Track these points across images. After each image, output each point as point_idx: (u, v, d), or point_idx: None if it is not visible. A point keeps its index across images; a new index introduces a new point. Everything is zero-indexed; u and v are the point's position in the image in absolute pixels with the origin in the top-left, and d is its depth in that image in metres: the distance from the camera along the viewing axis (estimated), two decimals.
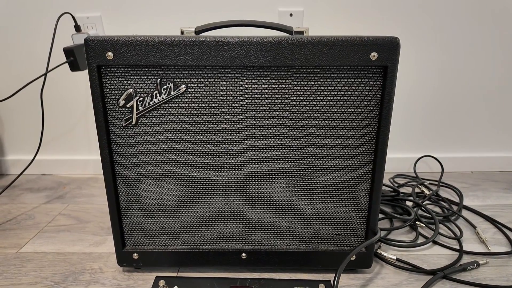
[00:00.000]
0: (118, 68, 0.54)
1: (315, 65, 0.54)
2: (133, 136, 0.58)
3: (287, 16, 0.99)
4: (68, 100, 1.08)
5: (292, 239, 0.65)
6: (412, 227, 0.81)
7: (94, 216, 0.89)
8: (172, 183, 0.61)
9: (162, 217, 0.63)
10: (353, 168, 0.60)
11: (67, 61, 0.85)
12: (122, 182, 0.61)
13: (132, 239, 0.65)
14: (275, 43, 0.52)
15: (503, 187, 1.03)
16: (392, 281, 0.65)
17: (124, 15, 1.00)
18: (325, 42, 0.52)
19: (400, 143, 1.13)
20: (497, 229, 0.82)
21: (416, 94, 1.07)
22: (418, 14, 0.99)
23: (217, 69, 0.55)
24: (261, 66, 0.54)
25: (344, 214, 0.63)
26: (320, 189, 0.61)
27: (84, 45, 0.53)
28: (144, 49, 0.53)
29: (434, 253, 0.73)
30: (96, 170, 1.15)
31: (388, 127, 0.57)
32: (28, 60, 1.04)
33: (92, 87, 0.54)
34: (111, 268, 0.68)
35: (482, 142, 1.13)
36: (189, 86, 0.55)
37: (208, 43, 0.52)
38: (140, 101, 0.56)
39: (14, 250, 0.75)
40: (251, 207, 0.63)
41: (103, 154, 0.58)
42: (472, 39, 1.01)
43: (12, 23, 1.00)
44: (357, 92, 0.56)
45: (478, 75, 1.05)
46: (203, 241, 0.65)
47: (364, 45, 0.52)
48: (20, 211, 0.92)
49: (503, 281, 0.64)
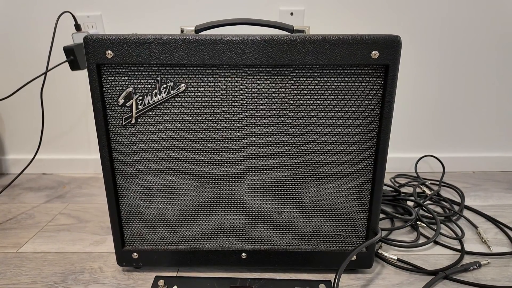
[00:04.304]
0: (118, 66, 0.54)
1: (315, 63, 0.53)
2: (133, 135, 0.58)
3: (288, 15, 0.98)
4: (68, 99, 1.08)
5: (292, 239, 0.64)
6: (413, 227, 0.81)
7: (94, 215, 0.88)
8: (172, 182, 0.61)
9: (162, 216, 0.63)
10: (354, 168, 0.60)
11: (67, 60, 0.85)
12: (121, 181, 0.61)
13: (131, 239, 0.64)
14: (275, 41, 0.52)
15: (505, 187, 1.03)
16: (393, 281, 0.64)
17: (125, 14, 0.99)
18: (325, 40, 0.52)
19: (401, 142, 1.13)
20: (498, 229, 0.81)
21: (417, 94, 1.07)
22: (419, 12, 0.98)
23: (217, 68, 0.54)
24: (261, 64, 0.54)
25: (344, 214, 0.63)
26: (321, 188, 0.61)
27: (84, 43, 0.52)
28: (143, 47, 0.52)
29: (435, 253, 0.72)
30: (96, 170, 1.15)
31: (389, 127, 0.56)
32: (28, 59, 1.03)
33: (91, 85, 0.54)
34: (111, 267, 0.68)
35: (484, 142, 1.13)
36: (189, 84, 0.55)
37: (208, 42, 0.52)
38: (139, 100, 0.56)
39: (14, 250, 0.74)
40: (251, 207, 0.62)
41: (102, 153, 0.58)
42: (474, 38, 1.01)
43: (12, 22, 1.00)
44: (358, 91, 0.55)
45: (480, 74, 1.05)
46: (203, 240, 0.65)
47: (365, 44, 0.52)
48: (20, 210, 0.92)
49: (505, 282, 0.64)
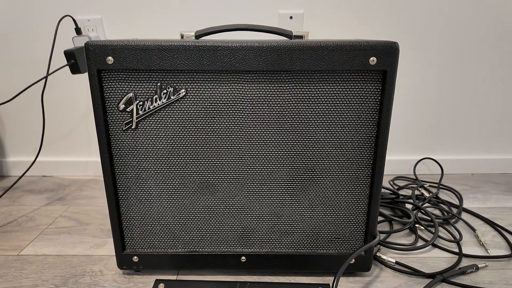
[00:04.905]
0: (118, 72, 0.55)
1: (314, 69, 0.54)
2: (133, 140, 0.58)
3: (287, 18, 0.99)
4: (68, 102, 1.08)
5: (291, 242, 0.65)
6: (411, 230, 0.82)
7: (95, 218, 0.89)
8: (171, 187, 0.61)
9: (162, 220, 0.63)
10: (352, 172, 0.60)
11: (67, 63, 0.86)
12: (122, 185, 0.61)
13: (132, 242, 0.65)
14: (274, 48, 0.53)
15: (503, 189, 1.03)
16: (392, 284, 0.65)
17: (125, 18, 1.00)
18: (324, 47, 0.52)
19: (400, 145, 1.13)
20: (496, 232, 0.82)
21: (416, 96, 1.07)
22: (418, 17, 0.99)
23: (217, 74, 0.55)
24: (260, 70, 0.54)
25: (343, 217, 0.63)
26: (320, 192, 0.61)
27: (85, 49, 0.53)
28: (144, 53, 0.53)
29: (434, 256, 0.73)
30: (96, 172, 1.15)
31: (387, 132, 0.57)
32: (29, 62, 1.04)
33: (92, 91, 0.55)
34: (111, 270, 0.69)
35: (482, 144, 1.13)
36: (189, 90, 0.56)
37: (207, 48, 0.53)
38: (140, 105, 0.56)
39: (15, 252, 0.75)
40: (250, 210, 0.63)
41: (103, 158, 0.58)
42: (472, 41, 1.01)
43: (13, 25, 1.01)
44: (356, 96, 0.56)
45: (479, 77, 1.05)
46: (202, 244, 0.65)
47: (363, 50, 0.53)
48: (21, 213, 0.92)
49: (502, 285, 0.64)
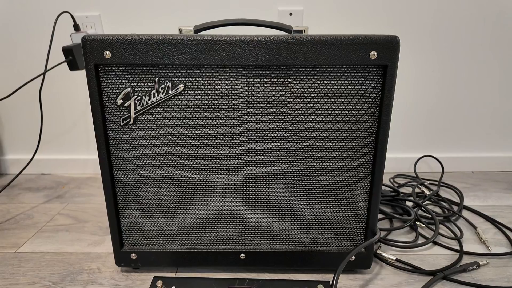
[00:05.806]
0: (116, 67, 0.54)
1: (314, 64, 0.53)
2: (131, 135, 0.58)
3: (287, 15, 0.98)
4: (67, 99, 1.08)
5: (291, 240, 0.64)
6: (412, 228, 0.81)
7: (93, 215, 0.88)
8: (170, 183, 0.61)
9: (160, 217, 0.63)
10: (353, 169, 0.60)
11: (66, 60, 0.85)
12: (120, 182, 0.61)
13: (130, 239, 0.64)
14: (273, 42, 0.52)
15: (503, 187, 1.03)
16: (392, 281, 0.64)
17: (123, 14, 0.99)
18: (324, 41, 0.52)
19: (401, 143, 1.13)
20: (497, 229, 0.81)
21: (416, 94, 1.07)
22: (418, 13, 0.98)
23: (216, 68, 0.54)
24: (259, 65, 0.54)
25: (343, 214, 0.63)
26: (319, 189, 0.61)
27: (82, 43, 0.52)
28: (142, 48, 0.52)
29: (434, 253, 0.72)
30: (95, 170, 1.15)
31: (388, 127, 0.56)
32: (27, 59, 1.03)
33: (89, 86, 0.54)
34: (109, 268, 0.68)
35: (483, 142, 1.13)
36: (187, 85, 0.55)
37: (206, 42, 0.52)
38: (138, 100, 0.56)
39: (12, 250, 0.74)
40: (250, 207, 0.62)
41: (101, 154, 0.58)
42: (473, 39, 1.01)
43: (11, 21, 1.00)
44: (356, 91, 0.55)
45: (479, 74, 1.05)
46: (201, 241, 0.64)
47: (364, 44, 0.52)
48: (19, 210, 0.91)
49: (504, 282, 0.64)
